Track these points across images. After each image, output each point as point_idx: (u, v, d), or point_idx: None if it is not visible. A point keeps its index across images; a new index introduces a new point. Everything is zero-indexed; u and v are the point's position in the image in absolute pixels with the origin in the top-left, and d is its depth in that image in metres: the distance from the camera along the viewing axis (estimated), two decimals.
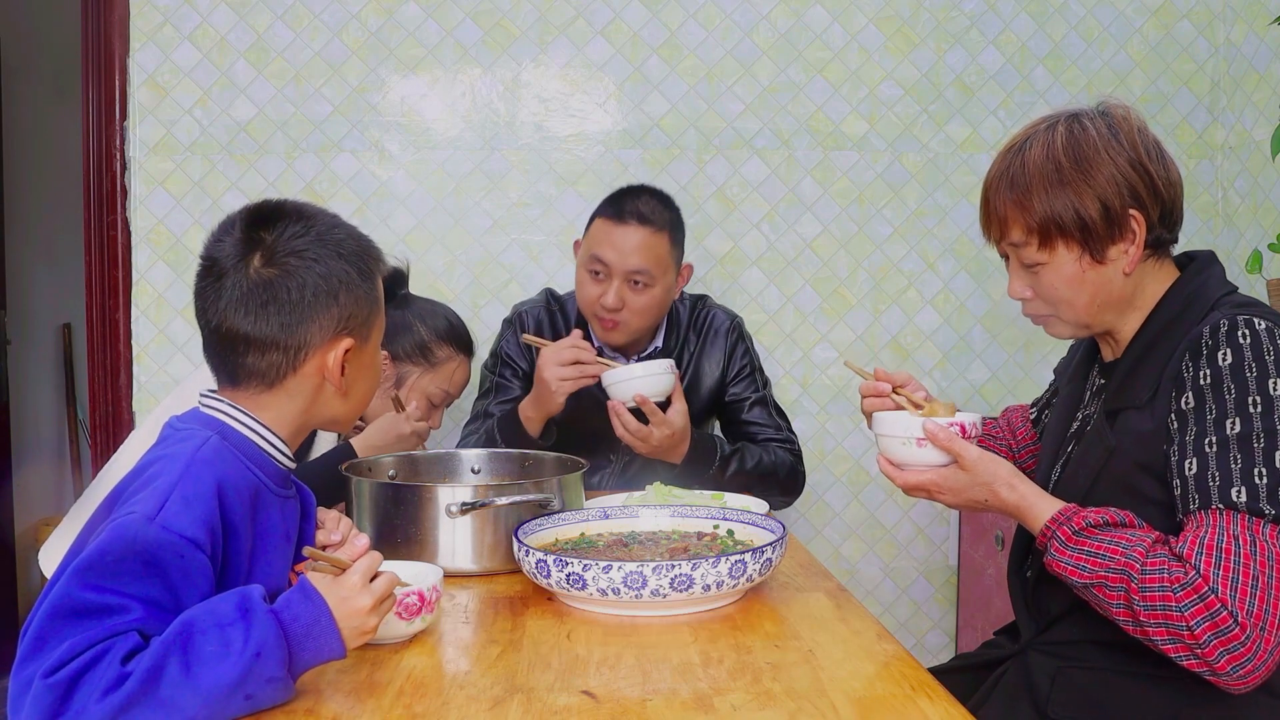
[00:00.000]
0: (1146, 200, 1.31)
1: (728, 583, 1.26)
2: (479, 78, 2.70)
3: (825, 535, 2.81)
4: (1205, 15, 2.80)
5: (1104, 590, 1.22)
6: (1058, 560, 1.26)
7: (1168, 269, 1.39)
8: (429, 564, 1.34)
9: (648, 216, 2.04)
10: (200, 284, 1.15)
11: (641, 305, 2.06)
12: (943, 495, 1.36)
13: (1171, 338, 1.31)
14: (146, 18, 2.65)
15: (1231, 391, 1.22)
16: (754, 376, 2.24)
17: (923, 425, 1.35)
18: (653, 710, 1.01)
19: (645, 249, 2.03)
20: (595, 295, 2.06)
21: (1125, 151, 1.31)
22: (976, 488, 1.33)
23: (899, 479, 1.39)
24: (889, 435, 1.39)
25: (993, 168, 1.39)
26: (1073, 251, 1.33)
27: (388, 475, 1.71)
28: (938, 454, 1.35)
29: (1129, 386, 1.34)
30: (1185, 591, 1.16)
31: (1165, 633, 1.18)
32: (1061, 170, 1.31)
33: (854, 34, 2.75)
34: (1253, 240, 2.67)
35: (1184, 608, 1.16)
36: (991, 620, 2.50)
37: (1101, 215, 1.30)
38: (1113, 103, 1.37)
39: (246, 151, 2.68)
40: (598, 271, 2.05)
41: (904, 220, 2.78)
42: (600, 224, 2.07)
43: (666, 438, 1.95)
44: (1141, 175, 1.31)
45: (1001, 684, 1.44)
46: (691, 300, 2.28)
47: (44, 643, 0.95)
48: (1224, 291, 1.34)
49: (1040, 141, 1.34)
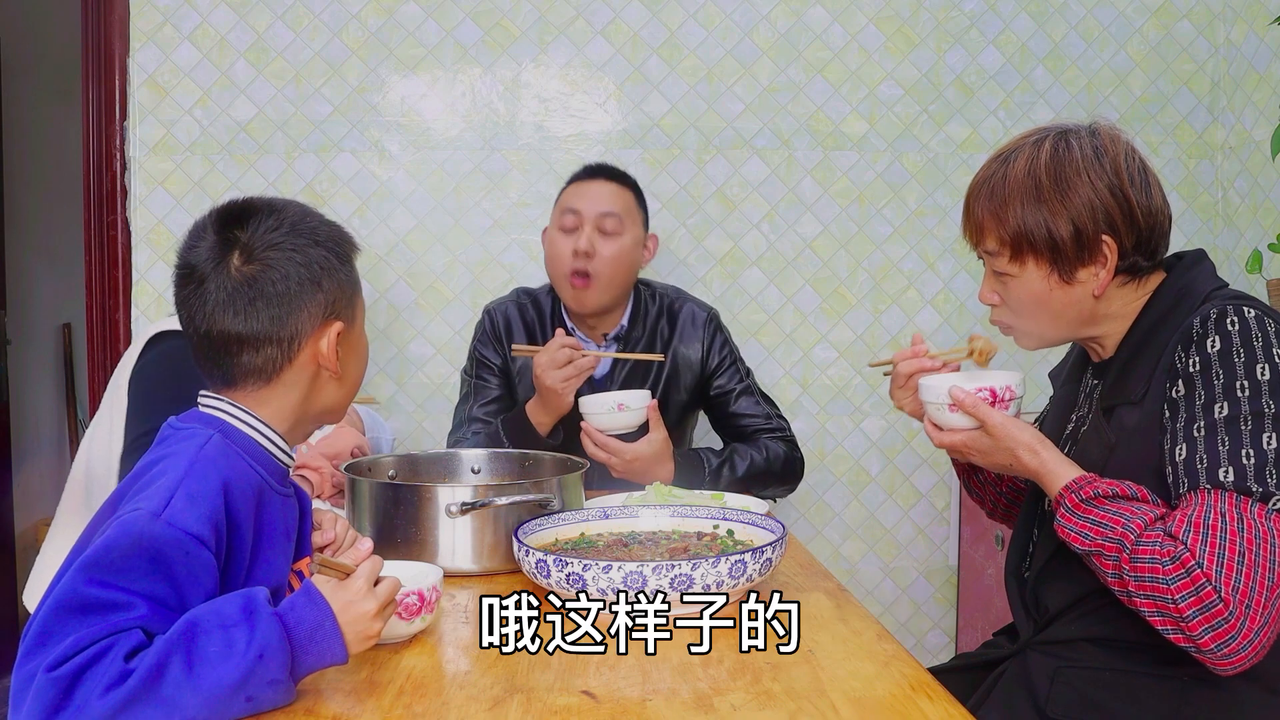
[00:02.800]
0: (1121, 227, 1.32)
1: (728, 583, 1.26)
2: (479, 78, 2.70)
3: (825, 535, 2.81)
4: (1205, 15, 2.80)
5: (1100, 559, 1.24)
6: (1062, 525, 1.28)
7: (1149, 284, 1.38)
8: (429, 564, 1.35)
9: (612, 173, 2.21)
10: (181, 292, 1.15)
11: (611, 253, 2.13)
12: (974, 455, 1.41)
13: (1163, 333, 1.32)
14: (146, 18, 2.65)
15: (1220, 377, 1.23)
16: (736, 367, 2.25)
17: (949, 391, 1.38)
18: (653, 710, 1.01)
19: (613, 196, 2.17)
20: (568, 248, 2.13)
21: (1107, 176, 1.32)
22: (1000, 451, 1.36)
23: (936, 439, 1.44)
24: (928, 401, 1.43)
25: (979, 173, 1.41)
26: (1041, 269, 1.34)
27: (388, 475, 1.71)
28: (968, 419, 1.39)
29: (1123, 382, 1.35)
30: (1173, 565, 1.17)
31: (1152, 605, 1.19)
32: (1040, 188, 1.32)
33: (854, 34, 2.75)
34: (1253, 240, 2.67)
35: (1170, 581, 1.17)
36: (991, 620, 2.50)
37: (1073, 237, 1.31)
38: (1103, 124, 1.38)
39: (246, 151, 2.68)
40: (569, 225, 2.15)
41: (904, 220, 2.78)
42: (569, 187, 2.22)
43: (632, 462, 1.97)
44: (1120, 202, 1.31)
45: (1001, 684, 1.44)
46: (663, 288, 2.31)
47: (48, 637, 0.96)
48: (1214, 286, 1.35)
49: (1025, 155, 1.35)
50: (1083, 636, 1.37)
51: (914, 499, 2.83)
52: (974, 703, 1.44)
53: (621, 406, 1.95)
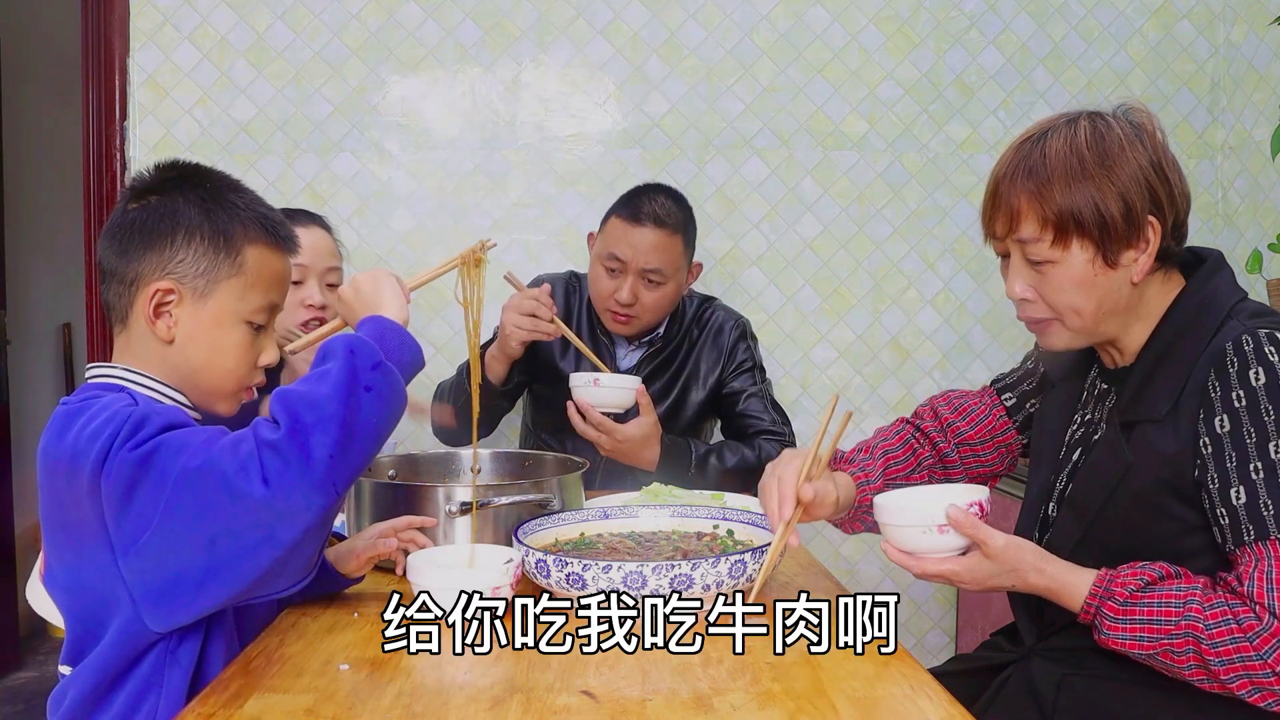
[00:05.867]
0: (1165, 205, 1.27)
1: (728, 583, 1.26)
2: (479, 78, 2.70)
3: (825, 535, 2.81)
4: (1205, 15, 2.80)
5: (1170, 656, 1.18)
6: (1112, 637, 1.22)
7: (1173, 280, 1.34)
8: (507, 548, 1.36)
9: (663, 219, 2.11)
10: None
11: (653, 301, 2.14)
12: (964, 583, 1.28)
13: (1187, 347, 1.27)
14: (146, 18, 2.65)
15: (1270, 413, 1.17)
16: (753, 373, 2.26)
17: (946, 513, 1.24)
18: (652, 710, 1.01)
19: (660, 249, 2.10)
20: (609, 290, 2.13)
21: (1148, 153, 1.27)
22: (1003, 575, 1.26)
23: (915, 568, 1.28)
24: (904, 525, 1.27)
25: (1005, 159, 1.32)
26: (1086, 251, 1.26)
27: (388, 475, 1.71)
28: (958, 538, 1.26)
29: (1144, 398, 1.29)
30: (1263, 639, 1.13)
31: (1249, 684, 1.14)
32: (1085, 164, 1.25)
33: (854, 34, 2.75)
34: (1253, 240, 2.67)
35: (1266, 655, 1.13)
36: (991, 620, 2.50)
37: (1123, 214, 1.25)
38: (1136, 105, 1.33)
39: (246, 151, 2.68)
40: (613, 269, 2.12)
41: (904, 220, 2.78)
42: (616, 223, 2.14)
43: (621, 443, 2.00)
44: (1162, 180, 1.27)
45: (1005, 690, 1.42)
46: (699, 299, 2.33)
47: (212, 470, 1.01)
48: (1237, 298, 1.30)
49: (1061, 135, 1.28)
50: (1089, 645, 1.34)
51: None
52: (978, 709, 1.41)
53: (607, 383, 1.99)
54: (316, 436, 1.00)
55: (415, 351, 1.18)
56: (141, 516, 1.03)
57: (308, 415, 1.01)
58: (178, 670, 1.13)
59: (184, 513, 1.01)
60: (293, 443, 0.99)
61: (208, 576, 1.02)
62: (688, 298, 2.30)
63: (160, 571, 1.04)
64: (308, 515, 1.00)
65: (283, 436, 1.00)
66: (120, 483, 1.03)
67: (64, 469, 1.09)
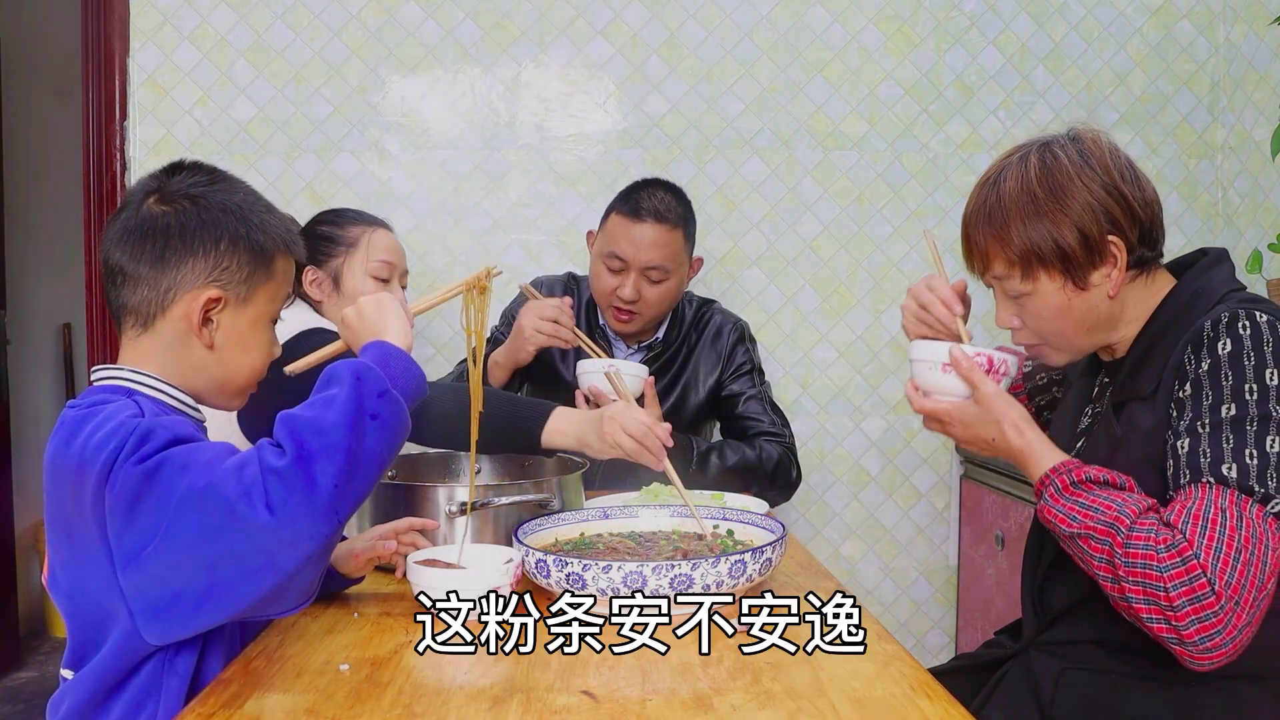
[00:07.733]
0: (1124, 224, 1.31)
1: (728, 583, 1.26)
2: (479, 78, 2.70)
3: (825, 535, 2.81)
4: (1205, 15, 2.80)
5: (1089, 541, 1.23)
6: (1049, 506, 1.27)
7: (1159, 280, 1.38)
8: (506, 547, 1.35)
9: (663, 214, 2.10)
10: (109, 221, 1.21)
11: (656, 297, 2.14)
12: (954, 428, 1.38)
13: (1176, 331, 1.32)
14: (146, 18, 2.65)
15: (1229, 378, 1.22)
16: (752, 375, 2.26)
17: (949, 350, 1.37)
18: (652, 710, 1.01)
19: (661, 245, 2.10)
20: (611, 287, 2.13)
21: (1099, 177, 1.31)
22: (986, 424, 1.34)
23: (918, 404, 1.41)
24: (920, 359, 1.41)
25: (970, 202, 1.40)
26: (1055, 280, 1.33)
27: (388, 475, 1.71)
28: (959, 384, 1.37)
29: (1134, 379, 1.34)
30: (1170, 553, 1.16)
31: (1141, 592, 1.18)
32: (1037, 201, 1.31)
33: (854, 34, 2.75)
34: (1253, 240, 2.67)
35: (1165, 569, 1.16)
36: (992, 620, 2.50)
37: (1080, 243, 1.30)
38: (1082, 128, 1.37)
39: (246, 151, 2.68)
40: (615, 266, 2.12)
41: (904, 220, 2.78)
42: (617, 220, 2.13)
43: None
44: (1117, 200, 1.31)
45: (1004, 684, 1.43)
46: (699, 302, 2.33)
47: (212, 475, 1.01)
48: (1231, 288, 1.34)
49: (1014, 173, 1.34)
50: (1088, 638, 1.36)
51: (914, 499, 2.83)
52: (977, 703, 1.43)
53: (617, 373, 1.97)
54: (322, 465, 0.99)
55: (419, 379, 1.18)
56: (143, 532, 1.02)
57: (314, 443, 1.00)
58: (175, 680, 1.13)
59: (186, 533, 1.00)
60: (298, 471, 0.99)
61: (207, 597, 1.02)
62: (687, 301, 2.30)
63: (159, 588, 1.04)
64: (311, 543, 0.99)
65: (289, 464, 0.99)
66: (124, 496, 1.03)
67: (70, 478, 1.09)
